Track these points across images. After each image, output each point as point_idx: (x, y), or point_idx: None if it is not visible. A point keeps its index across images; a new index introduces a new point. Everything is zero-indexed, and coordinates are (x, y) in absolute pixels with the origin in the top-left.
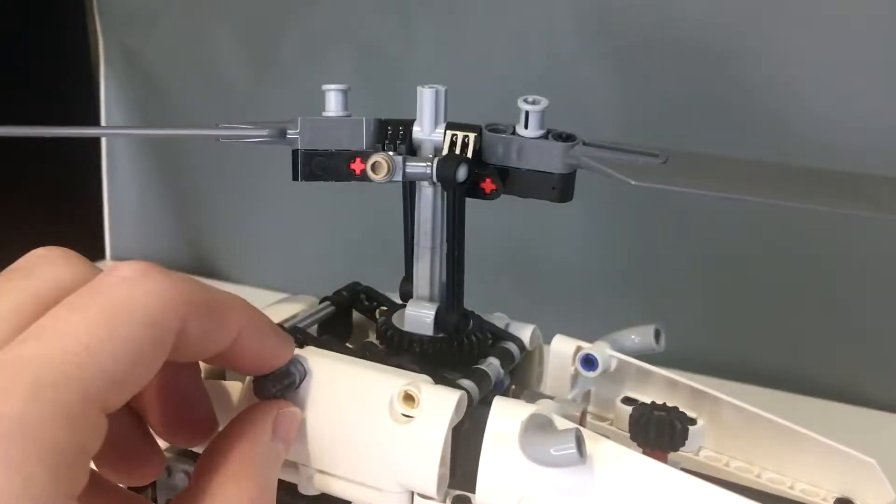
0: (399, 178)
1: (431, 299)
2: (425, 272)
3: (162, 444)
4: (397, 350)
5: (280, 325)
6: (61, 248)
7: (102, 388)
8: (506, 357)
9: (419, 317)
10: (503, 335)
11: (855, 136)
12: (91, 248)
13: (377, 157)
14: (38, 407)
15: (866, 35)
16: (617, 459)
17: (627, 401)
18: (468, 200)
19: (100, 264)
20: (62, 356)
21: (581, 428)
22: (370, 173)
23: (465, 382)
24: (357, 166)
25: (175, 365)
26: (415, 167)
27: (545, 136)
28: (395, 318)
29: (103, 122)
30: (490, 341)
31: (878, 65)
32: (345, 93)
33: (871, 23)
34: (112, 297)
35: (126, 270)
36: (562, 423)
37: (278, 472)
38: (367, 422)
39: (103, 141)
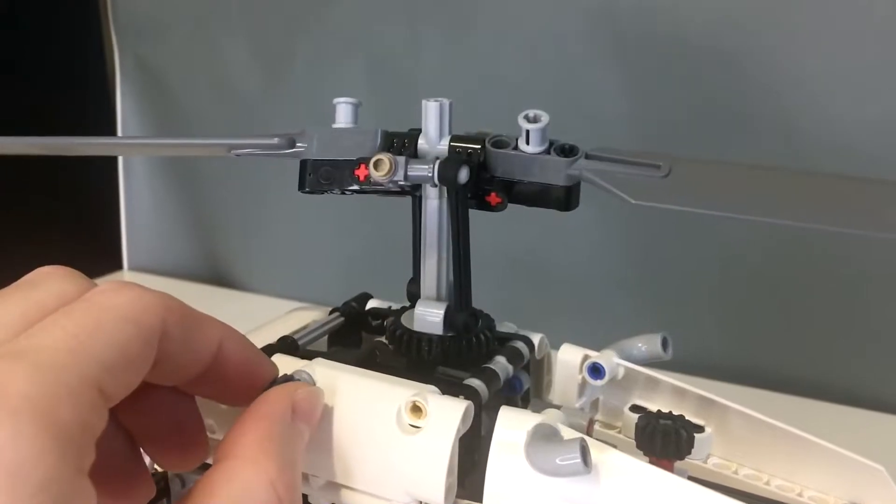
0: (400, 177)
1: (438, 299)
2: (432, 274)
3: None
4: (407, 350)
5: (289, 336)
6: (66, 267)
7: (96, 371)
8: (515, 356)
9: (428, 316)
10: (512, 338)
11: (869, 138)
12: (108, 258)
13: (380, 155)
14: (42, 385)
15: (880, 36)
16: (623, 468)
17: (635, 409)
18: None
19: (117, 275)
20: (55, 344)
21: (587, 437)
22: (372, 171)
23: (474, 381)
24: (361, 172)
25: (167, 388)
26: (417, 169)
27: (547, 151)
28: (404, 318)
29: (119, 135)
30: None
31: (892, 66)
32: (355, 106)
33: (885, 23)
34: (96, 302)
35: (108, 285)
36: (567, 433)
37: (302, 453)
38: (376, 433)
39: None
